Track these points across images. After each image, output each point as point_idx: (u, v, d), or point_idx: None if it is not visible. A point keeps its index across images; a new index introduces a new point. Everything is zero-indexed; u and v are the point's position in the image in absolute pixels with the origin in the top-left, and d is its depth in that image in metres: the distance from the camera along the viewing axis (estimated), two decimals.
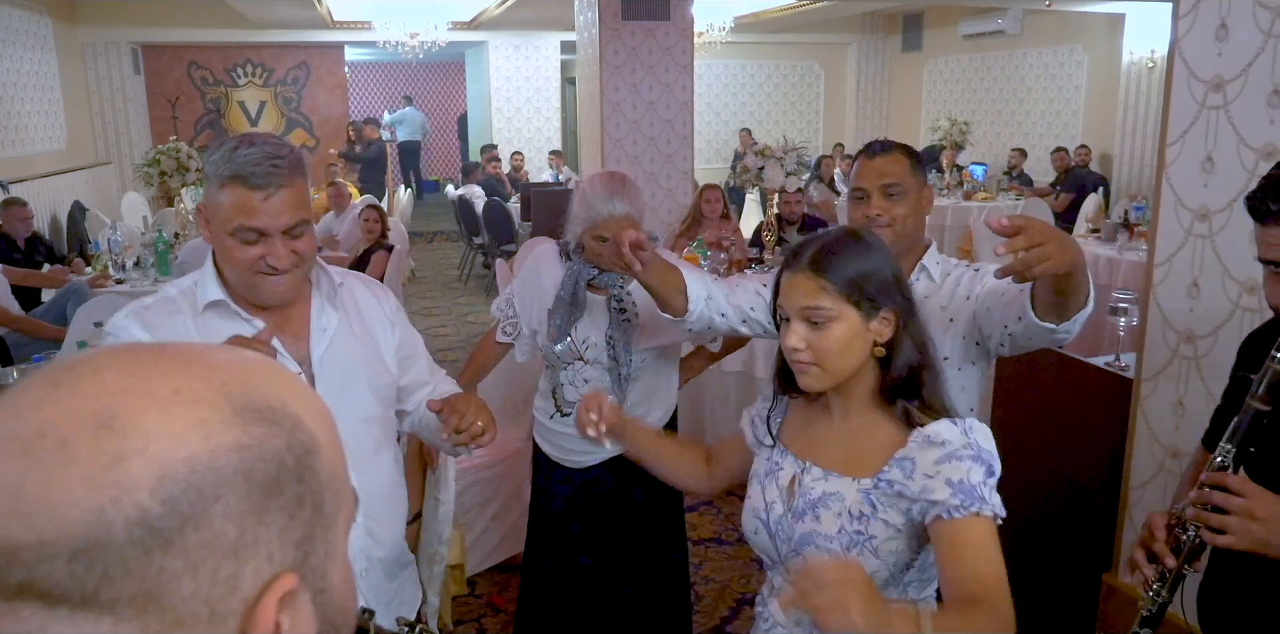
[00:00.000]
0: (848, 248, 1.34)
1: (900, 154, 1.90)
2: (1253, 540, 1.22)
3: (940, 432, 1.29)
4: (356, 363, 1.61)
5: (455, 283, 9.18)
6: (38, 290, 5.32)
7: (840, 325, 1.31)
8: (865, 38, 13.20)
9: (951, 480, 1.25)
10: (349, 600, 0.58)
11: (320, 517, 0.53)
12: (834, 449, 1.40)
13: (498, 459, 3.46)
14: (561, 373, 2.39)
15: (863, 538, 1.32)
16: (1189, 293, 2.35)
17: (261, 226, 1.43)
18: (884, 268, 1.35)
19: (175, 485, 0.46)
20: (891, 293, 1.34)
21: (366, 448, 1.61)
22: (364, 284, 1.73)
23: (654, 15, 5.74)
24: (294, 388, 0.55)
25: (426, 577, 2.31)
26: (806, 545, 1.36)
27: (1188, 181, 2.33)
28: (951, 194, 8.80)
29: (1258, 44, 2.11)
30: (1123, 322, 2.75)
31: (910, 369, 1.34)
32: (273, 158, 1.42)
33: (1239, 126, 2.16)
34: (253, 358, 0.56)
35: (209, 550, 0.47)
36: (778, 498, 1.42)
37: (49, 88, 9.25)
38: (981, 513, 1.24)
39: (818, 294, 1.31)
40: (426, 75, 16.79)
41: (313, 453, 0.53)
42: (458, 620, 3.06)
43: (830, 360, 1.32)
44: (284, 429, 0.51)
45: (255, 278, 1.47)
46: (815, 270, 1.32)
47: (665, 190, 6.03)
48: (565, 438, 2.43)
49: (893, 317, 1.34)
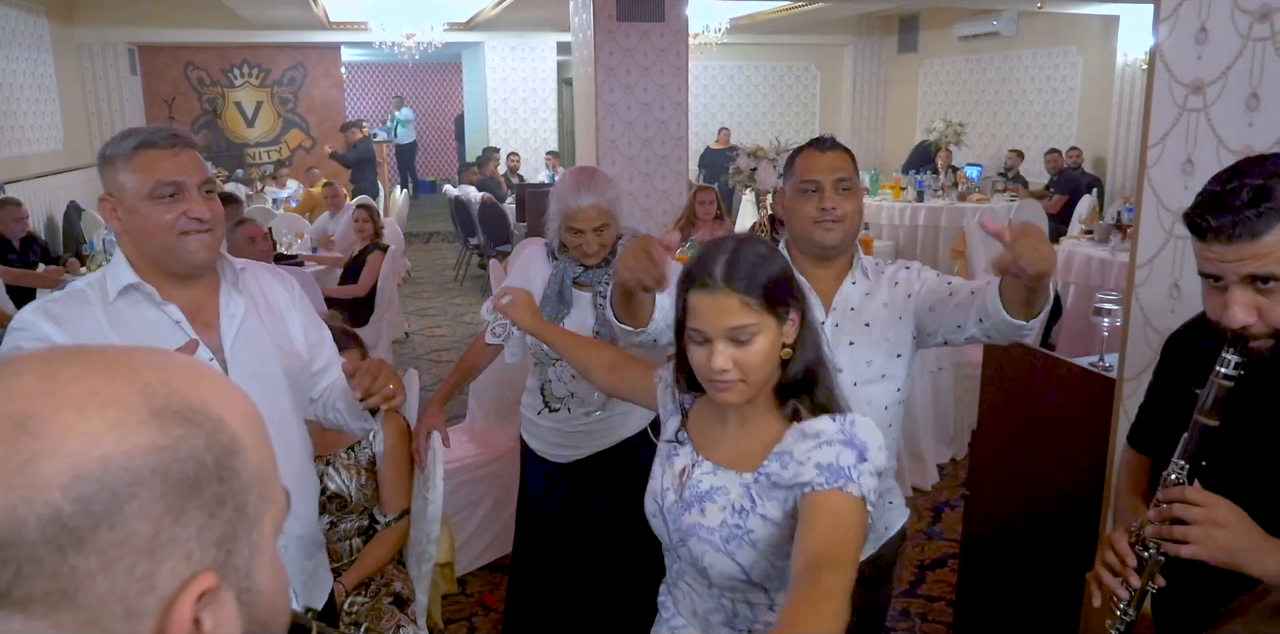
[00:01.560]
0: (753, 256, 1.31)
1: (846, 152, 1.91)
2: (1217, 547, 1.22)
3: (815, 425, 1.31)
4: (268, 347, 1.64)
5: (451, 283, 9.19)
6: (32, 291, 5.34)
7: (763, 338, 1.30)
8: (861, 39, 13.23)
9: (820, 463, 1.26)
10: (279, 599, 0.58)
11: (243, 517, 0.54)
12: (726, 444, 1.41)
13: (489, 459, 3.48)
14: (550, 369, 2.41)
15: (741, 532, 1.34)
16: (1170, 293, 2.38)
17: (179, 179, 1.48)
18: (786, 267, 1.34)
19: (88, 485, 0.47)
20: (797, 292, 1.34)
21: (281, 430, 1.63)
22: (267, 270, 1.76)
23: (649, 16, 5.76)
24: (220, 390, 0.56)
25: (415, 575, 2.33)
26: (691, 536, 1.38)
27: (1168, 183, 2.35)
28: (946, 195, 8.82)
29: (1236, 47, 2.13)
30: (1106, 322, 2.78)
31: (807, 368, 1.34)
32: (166, 129, 1.51)
33: (1218, 129, 2.19)
34: (180, 360, 0.56)
35: (123, 549, 0.47)
36: (670, 485, 1.44)
37: (45, 88, 9.26)
38: (846, 489, 1.23)
39: (742, 312, 1.28)
40: (423, 76, 16.80)
41: (234, 453, 0.53)
42: (449, 619, 3.08)
43: (754, 374, 1.31)
44: (204, 430, 0.52)
45: (179, 241, 1.50)
46: (733, 287, 1.28)
47: (660, 191, 6.05)
48: (552, 433, 2.45)
49: (798, 317, 1.33)
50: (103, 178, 1.51)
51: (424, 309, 8.04)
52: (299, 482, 1.67)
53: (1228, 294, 1.24)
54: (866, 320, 1.89)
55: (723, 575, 1.37)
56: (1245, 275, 1.21)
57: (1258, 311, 1.22)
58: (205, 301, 1.60)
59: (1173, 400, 1.47)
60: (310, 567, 1.75)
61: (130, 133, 1.50)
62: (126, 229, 1.52)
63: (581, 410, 2.40)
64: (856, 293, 1.91)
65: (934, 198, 8.70)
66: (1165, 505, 1.27)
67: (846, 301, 1.91)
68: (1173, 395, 1.48)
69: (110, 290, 1.53)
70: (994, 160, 10.55)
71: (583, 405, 2.40)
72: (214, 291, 1.61)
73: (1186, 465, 1.28)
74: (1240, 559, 1.22)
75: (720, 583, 1.39)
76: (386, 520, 2.41)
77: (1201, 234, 1.24)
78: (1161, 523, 1.27)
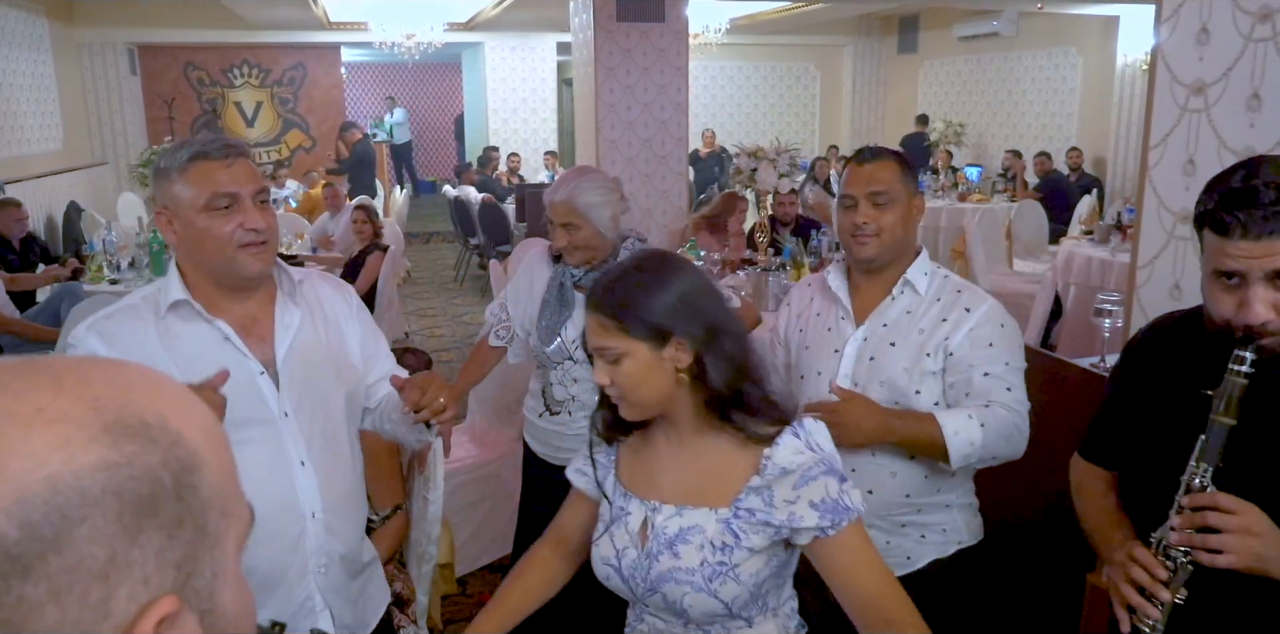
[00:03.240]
0: (630, 283, 1.31)
1: (891, 161, 1.86)
2: (1253, 557, 1.20)
3: (787, 458, 1.30)
4: (323, 360, 1.62)
5: (451, 284, 9.19)
6: (32, 291, 5.34)
7: (630, 361, 1.30)
8: (861, 39, 13.23)
9: (814, 502, 1.27)
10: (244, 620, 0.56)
11: (204, 536, 0.51)
12: (676, 480, 1.38)
13: (489, 459, 3.48)
14: (552, 372, 2.41)
15: (725, 568, 1.32)
16: (1171, 295, 2.38)
17: (234, 190, 1.47)
18: (669, 298, 1.30)
19: (34, 508, 0.44)
20: (679, 321, 1.29)
21: (330, 444, 1.62)
22: (325, 280, 1.74)
23: (649, 17, 5.76)
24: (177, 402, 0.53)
25: (416, 576, 2.33)
26: (666, 582, 1.34)
27: (1170, 184, 2.35)
28: (946, 195, 8.83)
29: (1238, 48, 2.13)
30: (1107, 323, 2.78)
31: (730, 387, 1.31)
32: (220, 140, 1.50)
33: (1220, 130, 2.19)
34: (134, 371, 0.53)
35: (75, 575, 0.45)
36: (629, 544, 1.39)
37: (45, 88, 9.25)
38: (850, 521, 1.28)
39: (601, 333, 1.31)
40: (423, 76, 16.80)
41: (193, 470, 0.50)
42: (449, 620, 3.07)
43: (632, 394, 1.32)
44: (160, 445, 0.49)
45: (237, 253, 1.49)
46: (598, 310, 1.31)
47: (660, 192, 6.05)
48: (554, 436, 2.45)
49: (687, 342, 1.30)
50: (156, 190, 1.50)
51: (424, 309, 8.04)
52: (343, 502, 1.63)
53: (1248, 291, 1.22)
54: (894, 340, 1.84)
55: (704, 613, 1.35)
56: (1270, 272, 1.20)
57: (1275, 309, 1.22)
58: (261, 314, 1.58)
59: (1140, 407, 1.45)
60: (357, 586, 1.71)
61: (184, 144, 1.49)
62: (182, 242, 1.51)
63: (583, 414, 2.40)
64: (895, 309, 1.86)
65: (934, 198, 8.70)
66: (1192, 511, 1.23)
67: (881, 317, 1.87)
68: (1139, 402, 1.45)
69: (162, 305, 1.52)
70: (994, 161, 10.55)
71: (584, 409, 2.39)
72: (270, 303, 1.59)
73: (1210, 468, 1.25)
74: (1271, 567, 1.20)
75: (700, 620, 1.36)
76: (381, 516, 2.40)
77: (1225, 231, 1.22)
78: (1190, 531, 1.23)
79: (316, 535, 1.57)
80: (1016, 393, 1.82)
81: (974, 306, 1.83)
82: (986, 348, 1.79)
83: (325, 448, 1.60)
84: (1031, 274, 6.70)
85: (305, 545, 1.56)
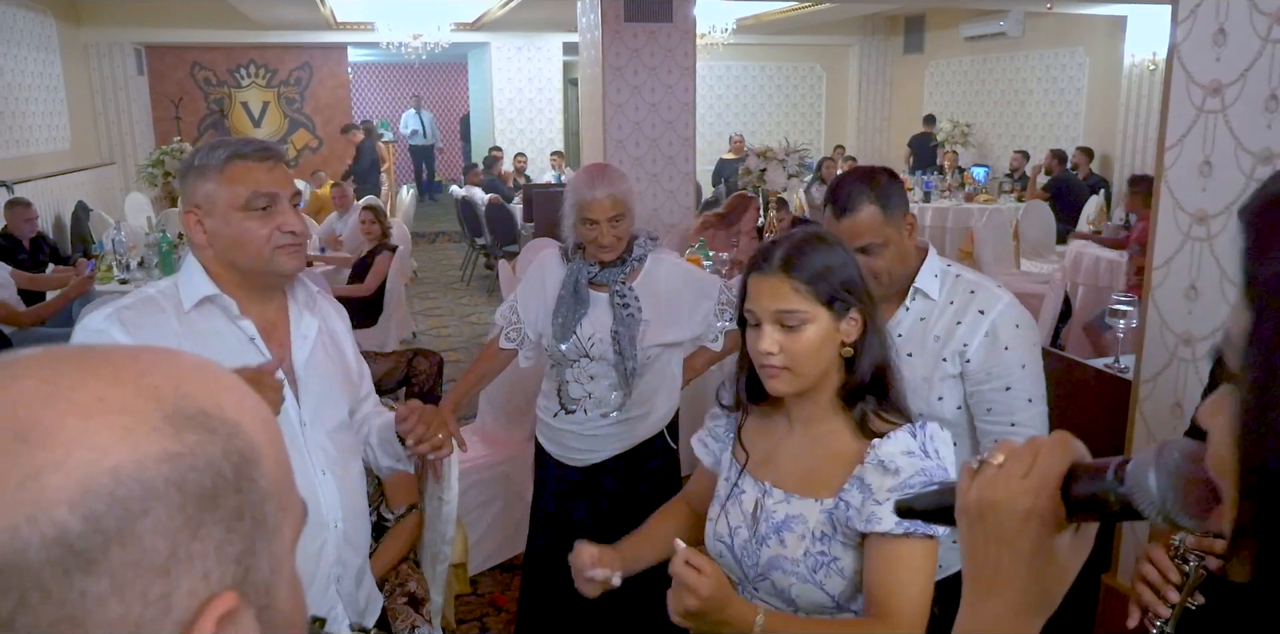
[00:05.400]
0: (815, 248, 1.33)
1: (868, 204, 1.74)
2: None
3: (894, 455, 1.28)
4: (334, 371, 1.63)
5: (457, 284, 9.20)
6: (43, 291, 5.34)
7: (813, 327, 1.31)
8: (867, 39, 13.22)
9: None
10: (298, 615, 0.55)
11: (262, 530, 0.50)
12: (792, 465, 1.39)
13: (500, 459, 3.48)
14: (567, 370, 2.41)
15: (827, 559, 1.32)
16: (1187, 295, 2.37)
17: (274, 190, 1.47)
18: (850, 267, 1.35)
19: (98, 500, 0.43)
20: (858, 292, 1.34)
21: (344, 455, 1.63)
22: (324, 295, 1.76)
23: (656, 17, 5.76)
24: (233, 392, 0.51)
25: (430, 576, 2.33)
26: (774, 570, 1.35)
27: (1186, 185, 2.35)
28: (953, 196, 8.82)
29: (1255, 49, 2.12)
30: (1121, 324, 2.77)
31: (876, 370, 1.34)
32: (256, 142, 1.51)
33: (1236, 131, 2.18)
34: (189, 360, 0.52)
35: (137, 570, 0.44)
36: (742, 523, 1.40)
37: (53, 88, 9.27)
38: (920, 534, 1.26)
39: (790, 296, 1.30)
40: (429, 76, 16.81)
41: (252, 462, 0.49)
42: (460, 619, 3.08)
43: (802, 364, 1.31)
44: (220, 436, 0.48)
45: (274, 253, 1.49)
46: (786, 272, 1.31)
47: (667, 192, 6.05)
48: (568, 436, 2.45)
49: (860, 317, 1.33)
50: (187, 189, 1.49)
51: (431, 309, 8.04)
52: (358, 513, 1.64)
53: None
54: (910, 351, 1.83)
55: (812, 603, 1.34)
56: None
57: None
58: (279, 320, 1.58)
59: None
60: (361, 595, 1.72)
61: (220, 143, 1.49)
62: (214, 241, 1.49)
63: (598, 412, 2.40)
64: (909, 318, 1.85)
65: (940, 198, 8.70)
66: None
67: (895, 328, 1.85)
68: None
69: (186, 300, 1.50)
70: (1000, 161, 10.54)
71: (600, 407, 2.40)
72: (284, 311, 1.59)
73: None
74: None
75: (810, 610, 1.36)
76: (396, 515, 2.41)
77: None
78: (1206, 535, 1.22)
79: (336, 545, 1.58)
80: (1037, 404, 1.81)
81: (988, 308, 1.80)
82: (1003, 352, 1.78)
83: (340, 458, 1.61)
84: (1039, 274, 6.69)
85: (326, 556, 1.57)
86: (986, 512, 0.69)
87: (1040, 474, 0.67)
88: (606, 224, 2.27)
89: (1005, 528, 0.68)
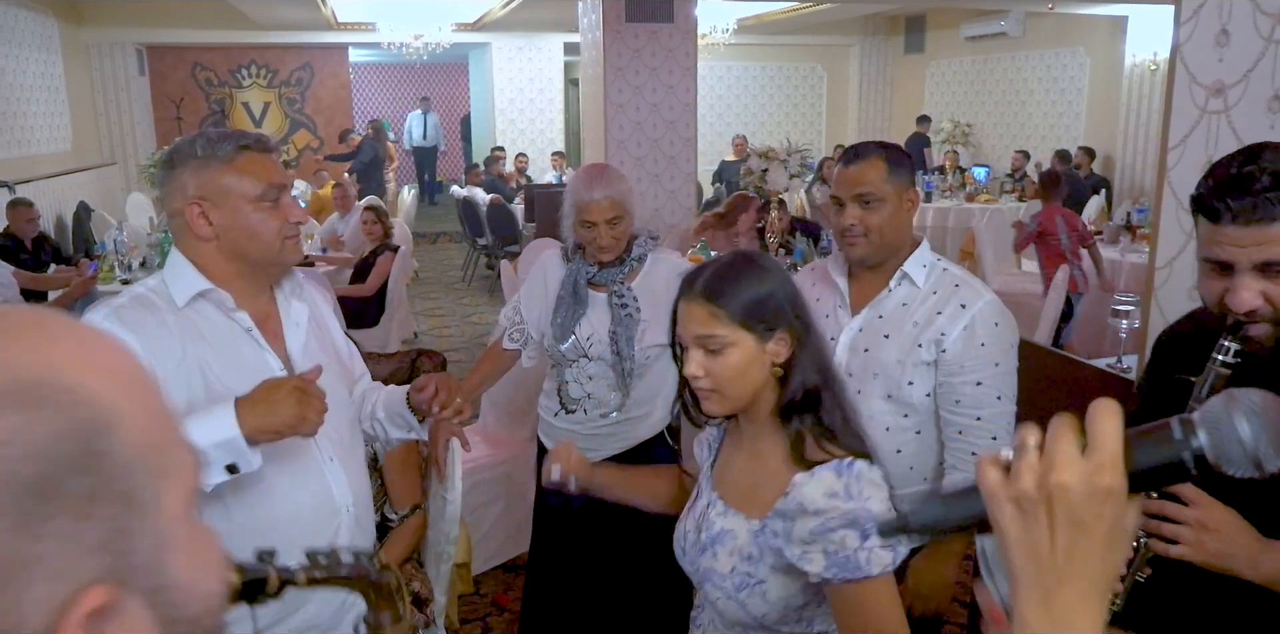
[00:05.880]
0: (739, 273, 1.33)
1: (877, 159, 1.83)
2: (1205, 552, 1.18)
3: (815, 498, 1.26)
4: (328, 355, 1.63)
5: (459, 284, 9.20)
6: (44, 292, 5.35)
7: (735, 351, 1.30)
8: (868, 39, 13.22)
9: (828, 552, 1.24)
10: (206, 583, 0.48)
11: (131, 506, 0.43)
12: (737, 478, 1.40)
13: (502, 460, 3.48)
14: (567, 370, 2.41)
15: (752, 581, 1.31)
16: (1190, 296, 2.37)
17: (283, 181, 1.49)
18: (778, 290, 1.33)
19: None
20: (785, 314, 1.33)
21: (349, 439, 1.64)
22: (309, 277, 1.75)
23: (657, 17, 5.76)
24: (78, 348, 0.44)
25: (434, 575, 2.33)
26: (706, 581, 1.36)
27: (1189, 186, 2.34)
28: (954, 196, 8.82)
29: (1258, 49, 2.13)
30: (1124, 324, 2.78)
31: (807, 390, 1.32)
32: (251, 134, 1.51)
33: (1240, 131, 2.18)
34: (15, 318, 0.44)
35: None
36: (693, 528, 1.42)
37: (54, 88, 9.28)
38: (860, 578, 1.23)
39: (710, 322, 1.31)
40: (430, 76, 16.82)
41: (103, 431, 0.42)
42: (463, 619, 3.08)
43: (727, 386, 1.31)
44: (54, 410, 0.40)
45: (283, 244, 1.50)
46: (707, 298, 1.31)
47: (669, 192, 6.06)
48: (570, 434, 2.45)
49: (789, 336, 1.32)
50: (183, 180, 1.45)
51: (432, 309, 8.05)
52: (365, 497, 1.64)
53: (1235, 279, 1.20)
54: (888, 333, 1.86)
55: (736, 620, 1.35)
56: (1259, 262, 1.18)
57: (1263, 296, 1.19)
58: (270, 310, 1.58)
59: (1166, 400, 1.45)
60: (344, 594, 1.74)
61: (219, 136, 1.47)
62: (223, 233, 1.46)
63: (598, 412, 2.41)
64: (892, 301, 1.88)
65: (941, 198, 8.70)
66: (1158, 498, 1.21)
67: (877, 308, 1.89)
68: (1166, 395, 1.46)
69: (178, 297, 1.48)
70: (1001, 161, 10.54)
71: (599, 407, 2.40)
72: (273, 302, 1.59)
73: None
74: (1232, 564, 1.19)
75: (735, 625, 1.37)
76: (400, 515, 2.41)
77: (1215, 217, 1.20)
78: (1151, 517, 1.21)
79: (349, 529, 1.58)
80: (1006, 403, 1.83)
81: (970, 303, 1.83)
82: (979, 348, 1.81)
83: (343, 443, 1.62)
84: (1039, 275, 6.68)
85: (340, 541, 1.57)
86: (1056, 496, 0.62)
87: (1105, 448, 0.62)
88: (604, 226, 2.28)
89: (1081, 511, 0.61)
